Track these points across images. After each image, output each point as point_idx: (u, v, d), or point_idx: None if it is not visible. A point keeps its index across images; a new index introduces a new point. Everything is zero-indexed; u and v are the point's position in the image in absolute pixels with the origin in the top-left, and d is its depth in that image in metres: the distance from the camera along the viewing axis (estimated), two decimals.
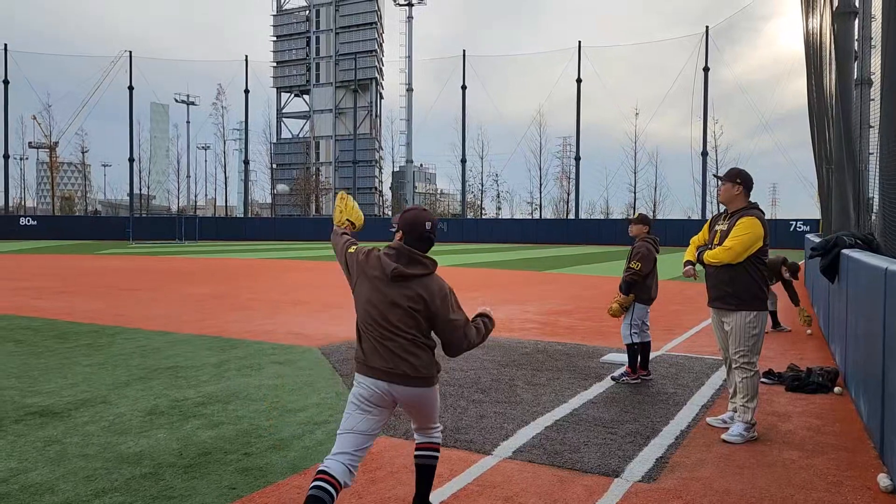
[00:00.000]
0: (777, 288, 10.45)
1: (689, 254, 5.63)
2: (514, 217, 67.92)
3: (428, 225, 3.45)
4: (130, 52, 60.70)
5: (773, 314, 10.36)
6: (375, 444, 4.77)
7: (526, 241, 50.32)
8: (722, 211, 5.48)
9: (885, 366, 4.35)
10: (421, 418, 3.59)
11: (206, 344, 8.71)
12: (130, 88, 60.80)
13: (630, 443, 4.92)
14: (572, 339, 9.33)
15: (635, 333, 6.84)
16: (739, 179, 5.28)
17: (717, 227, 5.37)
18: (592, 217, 67.47)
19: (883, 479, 4.15)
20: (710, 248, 5.30)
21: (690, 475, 4.34)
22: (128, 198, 66.88)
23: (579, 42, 56.99)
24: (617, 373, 6.99)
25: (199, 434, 5.00)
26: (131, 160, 61.81)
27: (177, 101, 72.59)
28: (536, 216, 67.63)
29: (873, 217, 10.06)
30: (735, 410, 5.27)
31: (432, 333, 3.43)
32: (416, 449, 3.66)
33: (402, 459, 4.52)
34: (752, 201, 5.32)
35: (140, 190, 70.52)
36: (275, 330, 9.91)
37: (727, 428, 5.20)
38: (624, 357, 7.33)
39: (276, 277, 19.67)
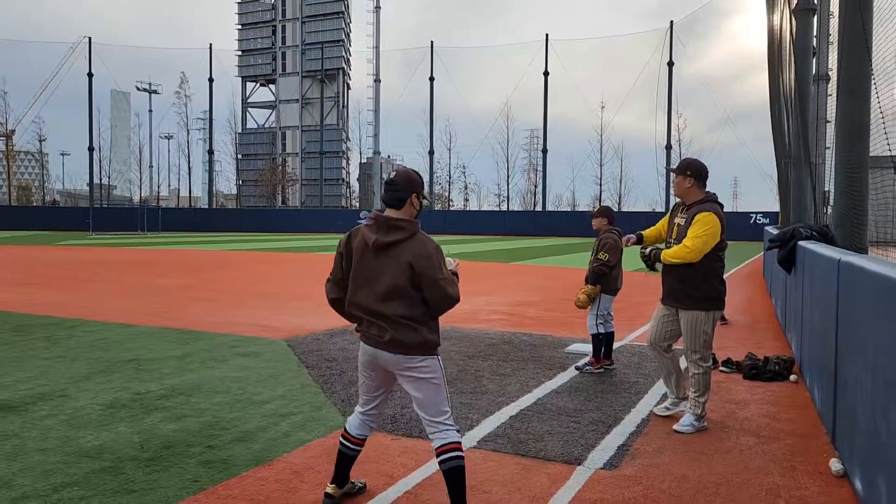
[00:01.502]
0: None
1: (647, 237, 5.60)
2: (482, 209, 68.19)
3: (392, 175, 3.54)
4: (90, 39, 59.31)
5: None
6: None
7: (493, 233, 50.52)
8: (681, 202, 5.35)
9: (839, 354, 4.48)
10: (420, 402, 3.48)
11: (169, 336, 8.59)
12: (90, 75, 59.51)
13: (593, 431, 5.00)
14: (538, 330, 9.41)
15: (600, 324, 6.93)
16: (690, 171, 5.13)
17: (676, 220, 5.27)
18: (559, 209, 68.03)
19: (835, 464, 4.29)
20: (668, 244, 5.23)
21: (651, 462, 4.43)
22: (87, 188, 65.42)
23: (546, 35, 57.28)
24: (581, 363, 7.08)
25: (161, 427, 4.94)
26: (91, 149, 60.50)
27: (139, 89, 71.11)
28: (504, 208, 67.96)
29: (829, 209, 10.35)
30: (676, 396, 5.40)
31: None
32: (436, 454, 3.47)
33: (366, 450, 4.51)
34: (710, 192, 5.19)
35: (100, 180, 69.06)
36: (240, 322, 9.81)
37: (671, 413, 5.37)
38: (588, 347, 7.44)
39: (241, 269, 19.46)
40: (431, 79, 60.93)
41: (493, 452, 4.54)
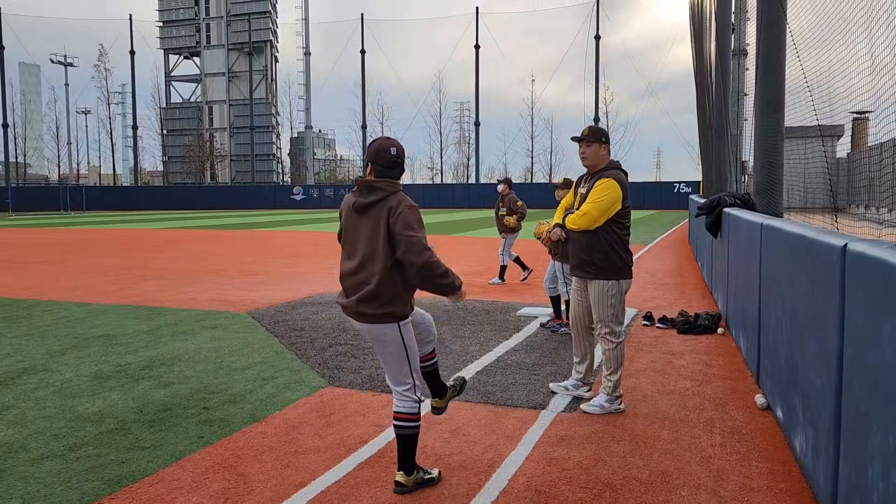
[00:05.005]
0: None
1: (558, 217, 5.57)
2: (416, 182, 68.44)
3: (393, 150, 3.50)
4: None
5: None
6: (325, 395, 5.22)
7: (427, 206, 51.00)
8: (586, 172, 5.20)
9: (762, 304, 5.18)
10: (387, 366, 3.62)
11: (130, 313, 8.73)
12: (1, 48, 56.29)
13: (551, 382, 5.58)
14: (488, 297, 9.98)
15: (557, 288, 7.53)
16: (605, 138, 5.02)
17: (580, 190, 5.13)
18: (492, 181, 68.88)
19: (759, 399, 5.01)
20: (573, 212, 5.06)
21: None
22: (1, 166, 62.30)
23: (477, 8, 57.66)
24: (546, 321, 7.69)
25: (153, 393, 5.24)
26: (5, 125, 57.56)
27: (53, 61, 67.86)
28: (437, 181, 68.44)
29: (747, 178, 11.25)
30: (580, 380, 5.20)
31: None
32: (393, 418, 3.64)
33: (353, 405, 4.98)
34: (614, 160, 5.09)
35: (15, 158, 65.74)
36: (197, 297, 9.99)
37: (568, 394, 5.17)
38: (538, 310, 8.05)
39: (180, 247, 19.31)
40: (363, 52, 60.47)
41: (467, 403, 5.06)
